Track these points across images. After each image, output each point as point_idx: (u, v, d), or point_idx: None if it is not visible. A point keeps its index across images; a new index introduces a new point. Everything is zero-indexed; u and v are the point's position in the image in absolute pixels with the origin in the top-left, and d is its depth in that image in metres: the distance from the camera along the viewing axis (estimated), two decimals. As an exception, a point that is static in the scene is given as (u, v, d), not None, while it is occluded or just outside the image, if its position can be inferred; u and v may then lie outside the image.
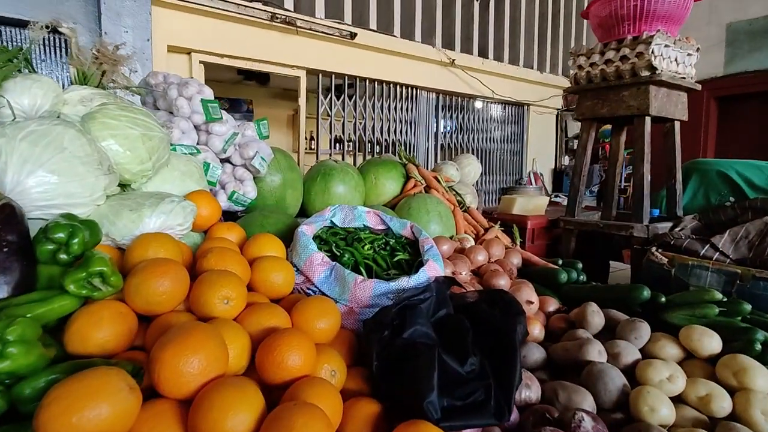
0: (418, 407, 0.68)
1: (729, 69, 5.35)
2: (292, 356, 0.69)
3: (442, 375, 0.72)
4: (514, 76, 5.20)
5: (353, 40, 3.76)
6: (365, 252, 1.10)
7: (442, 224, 1.61)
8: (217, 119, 1.30)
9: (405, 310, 0.84)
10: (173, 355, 0.59)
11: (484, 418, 0.71)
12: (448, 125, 5.03)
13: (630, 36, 1.76)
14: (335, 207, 1.24)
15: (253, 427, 0.57)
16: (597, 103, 1.87)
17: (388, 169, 1.81)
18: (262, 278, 0.92)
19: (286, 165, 1.54)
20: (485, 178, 5.36)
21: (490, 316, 0.88)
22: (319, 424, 0.56)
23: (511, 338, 0.80)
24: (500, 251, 1.56)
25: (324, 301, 0.87)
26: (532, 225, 2.00)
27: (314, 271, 1.00)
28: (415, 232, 1.21)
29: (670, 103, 1.81)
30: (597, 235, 1.94)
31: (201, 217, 1.06)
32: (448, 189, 1.91)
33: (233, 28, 3.19)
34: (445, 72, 4.62)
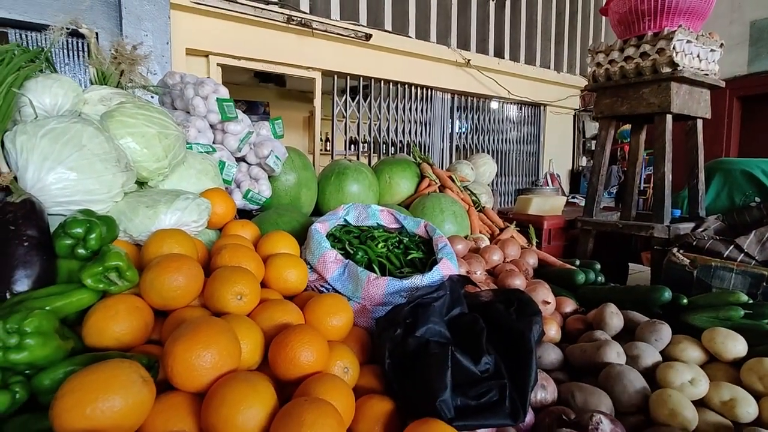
0: (431, 406, 0.67)
1: (753, 68, 5.20)
2: (304, 352, 0.69)
3: (456, 374, 0.71)
4: (530, 76, 5.14)
5: (368, 41, 3.77)
6: (379, 250, 1.09)
7: (457, 224, 1.59)
8: (233, 118, 1.31)
9: (418, 308, 0.83)
10: (186, 349, 0.59)
11: (498, 418, 0.70)
12: (464, 126, 5.00)
13: (650, 32, 1.72)
14: (349, 205, 1.24)
15: (265, 422, 0.57)
16: (616, 101, 1.83)
17: (403, 168, 1.81)
18: (275, 275, 0.92)
19: (300, 164, 1.54)
20: (501, 179, 5.31)
21: (505, 316, 0.86)
22: (330, 420, 0.56)
23: (526, 338, 0.78)
24: (516, 251, 1.54)
25: (337, 299, 0.87)
26: (549, 225, 1.97)
27: (327, 268, 1.00)
28: (429, 231, 1.20)
29: (693, 101, 1.76)
30: (615, 237, 1.90)
31: (216, 215, 1.07)
32: (463, 189, 1.89)
33: (250, 30, 3.23)
34: (461, 72, 4.60)
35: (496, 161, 5.22)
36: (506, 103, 5.23)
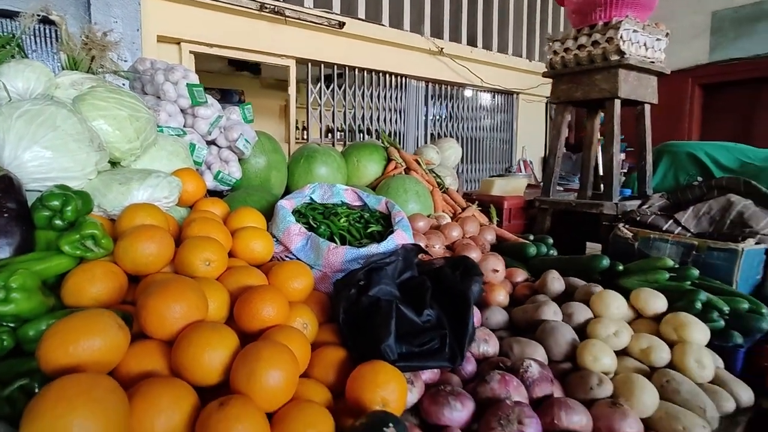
0: (377, 351, 0.76)
1: (714, 57, 5.43)
2: (266, 308, 0.78)
3: (400, 324, 0.80)
4: (503, 65, 5.26)
5: (342, 29, 3.81)
6: (341, 224, 1.18)
7: (420, 203, 1.69)
8: (203, 103, 1.37)
9: (371, 272, 0.93)
10: (157, 301, 0.67)
11: (437, 361, 0.80)
12: (438, 114, 5.09)
13: (601, 22, 1.84)
14: (315, 185, 1.33)
15: (228, 360, 0.65)
16: (571, 87, 1.95)
17: (370, 152, 1.89)
18: (242, 246, 1.01)
19: (270, 147, 1.61)
20: (475, 165, 5.44)
21: (450, 278, 0.97)
22: (285, 356, 0.65)
23: (466, 295, 0.89)
24: (475, 228, 1.65)
25: (298, 265, 0.96)
26: (509, 205, 2.09)
27: (292, 240, 1.08)
28: (389, 207, 1.29)
29: (641, 87, 1.89)
30: (572, 215, 2.04)
31: (186, 193, 1.14)
32: (429, 171, 1.99)
33: (222, 18, 3.24)
34: (434, 61, 4.68)
35: (471, 148, 5.37)
36: (480, 91, 5.34)
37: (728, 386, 0.98)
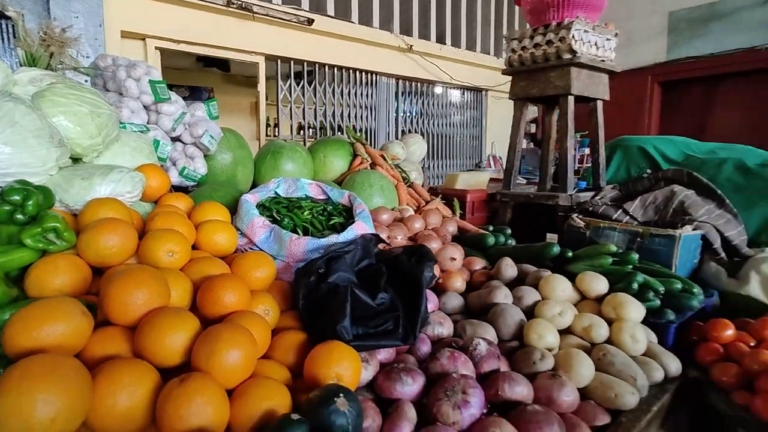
0: (334, 332, 0.82)
1: (671, 55, 5.67)
2: (227, 294, 0.82)
3: (356, 307, 0.86)
4: (471, 62, 5.36)
5: (311, 26, 3.82)
6: (304, 217, 1.23)
7: (385, 197, 1.75)
8: (166, 99, 1.39)
9: (331, 260, 0.98)
10: (120, 288, 0.70)
11: (391, 340, 0.86)
12: (408, 110, 5.16)
13: (555, 22, 1.93)
14: (279, 179, 1.36)
15: (189, 343, 0.69)
16: (528, 84, 2.04)
17: (337, 147, 1.93)
18: (206, 238, 1.04)
19: (236, 144, 1.64)
20: (446, 161, 5.54)
21: (406, 264, 1.03)
22: (245, 338, 0.70)
23: (419, 280, 0.95)
24: (437, 220, 1.71)
25: (261, 255, 1.00)
26: (472, 198, 2.17)
27: (255, 232, 1.12)
28: (352, 200, 1.34)
29: (592, 84, 2.00)
30: (532, 207, 2.13)
31: (150, 188, 1.16)
32: (394, 166, 2.05)
33: (189, 13, 3.21)
34: (404, 58, 4.74)
35: (442, 144, 5.47)
36: (449, 87, 5.43)
37: (659, 358, 1.07)
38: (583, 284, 1.23)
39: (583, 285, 1.23)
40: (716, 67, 5.24)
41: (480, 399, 0.80)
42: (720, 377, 1.05)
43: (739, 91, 5.26)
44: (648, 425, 0.93)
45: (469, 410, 0.77)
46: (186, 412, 0.57)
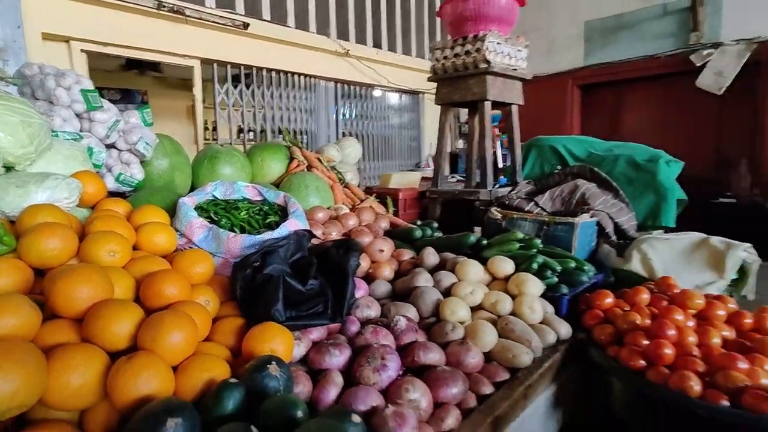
0: (268, 315, 0.93)
1: (588, 61, 6.19)
2: (168, 287, 0.90)
3: (288, 293, 0.97)
4: (407, 66, 5.58)
5: (247, 30, 3.84)
6: (241, 216, 1.32)
7: (320, 197, 1.86)
8: (98, 107, 1.42)
9: (265, 254, 1.08)
10: (66, 283, 0.77)
11: (320, 320, 0.98)
12: (349, 113, 5.29)
13: (472, 34, 2.14)
14: (217, 182, 1.44)
15: (134, 329, 0.78)
16: (451, 90, 2.23)
17: (274, 151, 2.02)
18: (146, 239, 1.11)
19: (172, 149, 1.69)
20: (386, 162, 5.71)
21: (334, 255, 1.15)
22: (184, 320, 0.79)
23: (345, 267, 1.08)
24: (370, 217, 1.85)
25: (199, 252, 1.08)
26: (404, 196, 2.34)
27: (194, 232, 1.20)
28: (286, 200, 1.45)
29: (506, 90, 2.23)
30: (459, 202, 2.33)
31: (87, 194, 1.20)
32: (330, 168, 2.17)
33: (117, 15, 3.13)
34: (342, 62, 4.85)
35: (382, 146, 5.64)
36: (387, 91, 5.62)
37: (552, 324, 1.28)
38: (492, 267, 1.41)
39: (493, 267, 1.41)
40: (625, 72, 5.80)
41: (397, 363, 0.94)
42: (599, 336, 1.27)
43: (645, 94, 5.86)
44: (540, 378, 1.12)
45: (387, 372, 0.91)
46: (134, 383, 0.66)
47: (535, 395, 1.11)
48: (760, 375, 1.03)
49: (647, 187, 2.16)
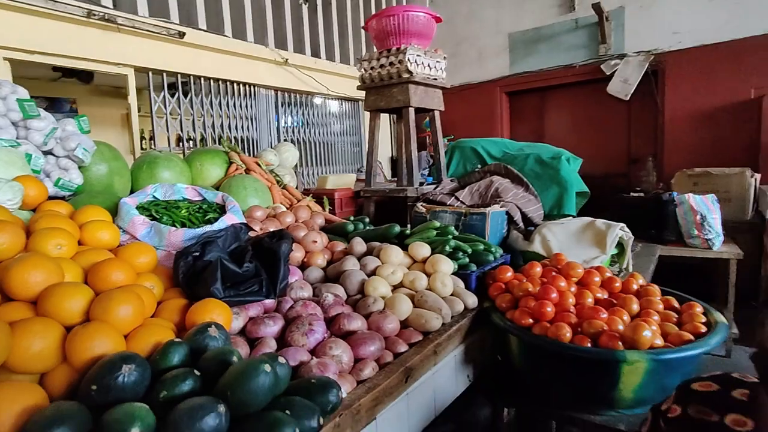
0: (208, 293, 1.07)
1: (513, 70, 6.68)
2: (115, 273, 1.02)
3: (226, 274, 1.12)
4: (346, 75, 5.77)
5: (183, 38, 3.87)
6: (181, 214, 1.44)
7: (259, 198, 2.00)
8: (35, 116, 1.49)
9: (205, 244, 1.22)
10: (20, 269, 0.87)
11: (254, 296, 1.13)
12: (290, 121, 5.39)
13: (395, 47, 2.36)
14: (156, 185, 1.55)
15: (86, 306, 0.89)
16: (378, 98, 2.44)
17: (212, 156, 2.13)
18: (90, 236, 1.20)
19: (110, 155, 1.76)
20: (330, 167, 5.86)
21: (269, 243, 1.30)
22: (132, 295, 0.92)
23: (277, 252, 1.24)
24: (306, 214, 2.01)
25: (143, 244, 1.20)
26: (339, 196, 2.52)
27: (136, 229, 1.31)
28: (224, 199, 1.58)
29: (428, 98, 2.47)
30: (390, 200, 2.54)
31: (29, 197, 1.28)
32: (269, 171, 2.30)
33: (44, 23, 3.08)
34: (281, 71, 4.96)
35: (325, 152, 5.79)
36: (327, 99, 5.78)
37: (461, 296, 1.50)
38: (412, 251, 1.62)
39: (412, 251, 1.62)
40: (546, 80, 6.34)
41: (323, 329, 1.12)
42: (500, 304, 1.51)
43: (564, 100, 6.43)
44: (449, 338, 1.33)
45: (314, 335, 1.08)
46: (90, 345, 0.79)
47: (445, 353, 1.32)
48: (617, 323, 1.30)
49: (552, 181, 2.48)
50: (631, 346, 1.21)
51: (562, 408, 1.39)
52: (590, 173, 5.94)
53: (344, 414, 0.92)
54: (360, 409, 0.97)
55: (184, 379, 0.75)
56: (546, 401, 1.43)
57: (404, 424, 1.13)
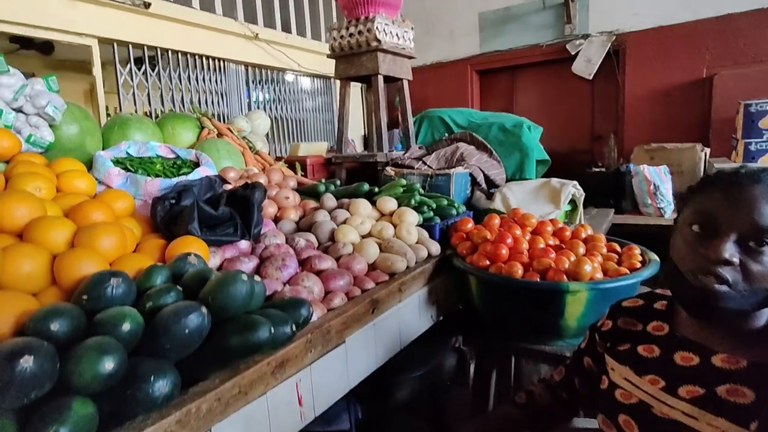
0: (186, 232, 1.14)
1: (483, 48, 6.79)
2: (95, 212, 1.08)
3: (202, 216, 1.19)
4: (317, 51, 5.75)
5: (148, 9, 3.79)
6: (156, 169, 1.49)
7: (232, 161, 2.05)
8: (4, 72, 1.49)
9: (181, 192, 1.28)
10: (6, 202, 0.93)
11: (230, 237, 1.21)
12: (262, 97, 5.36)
13: (363, 16, 2.42)
14: (129, 142, 1.58)
15: (70, 236, 0.96)
16: (348, 66, 2.51)
17: (184, 120, 2.16)
18: (67, 184, 1.25)
19: (81, 115, 1.77)
20: (302, 145, 5.87)
21: (242, 192, 1.38)
22: (114, 228, 0.98)
23: (250, 198, 1.31)
24: (279, 177, 2.08)
25: (120, 191, 1.25)
26: (311, 162, 2.59)
27: (112, 180, 1.35)
28: (198, 156, 1.63)
29: (396, 66, 2.55)
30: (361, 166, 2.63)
31: (3, 148, 1.30)
32: (241, 138, 2.34)
33: (0, -11, 2.98)
34: (252, 45, 4.91)
35: (297, 129, 5.79)
36: (299, 75, 5.76)
37: (425, 244, 1.61)
38: (380, 205, 1.72)
39: (380, 205, 1.72)
40: (514, 59, 6.48)
41: (295, 264, 1.21)
42: (461, 251, 1.63)
43: (532, 79, 6.59)
44: (413, 279, 1.45)
45: (287, 270, 1.18)
46: (78, 265, 0.86)
47: (409, 291, 1.43)
48: (563, 261, 1.44)
49: (514, 148, 2.61)
50: (575, 279, 1.35)
51: (517, 341, 1.53)
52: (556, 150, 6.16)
53: (315, 332, 1.02)
54: (330, 329, 1.07)
55: (168, 292, 0.83)
56: (504, 336, 1.57)
57: (371, 350, 1.24)
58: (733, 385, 0.74)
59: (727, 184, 0.78)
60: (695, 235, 0.78)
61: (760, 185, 0.74)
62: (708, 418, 0.74)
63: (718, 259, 0.73)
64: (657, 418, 0.80)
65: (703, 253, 0.75)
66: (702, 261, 0.75)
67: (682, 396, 0.79)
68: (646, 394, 0.84)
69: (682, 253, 0.80)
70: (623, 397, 0.88)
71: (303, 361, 1.00)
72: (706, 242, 0.76)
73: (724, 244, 0.73)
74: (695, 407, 0.76)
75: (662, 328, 0.93)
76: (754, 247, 0.72)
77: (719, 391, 0.75)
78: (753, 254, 0.73)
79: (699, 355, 0.82)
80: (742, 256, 0.73)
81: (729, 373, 0.77)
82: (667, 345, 0.88)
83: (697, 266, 0.76)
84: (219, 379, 0.83)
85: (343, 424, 1.65)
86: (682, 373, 0.82)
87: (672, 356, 0.86)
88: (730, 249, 0.73)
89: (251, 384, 0.87)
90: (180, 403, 0.75)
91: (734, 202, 0.75)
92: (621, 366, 0.92)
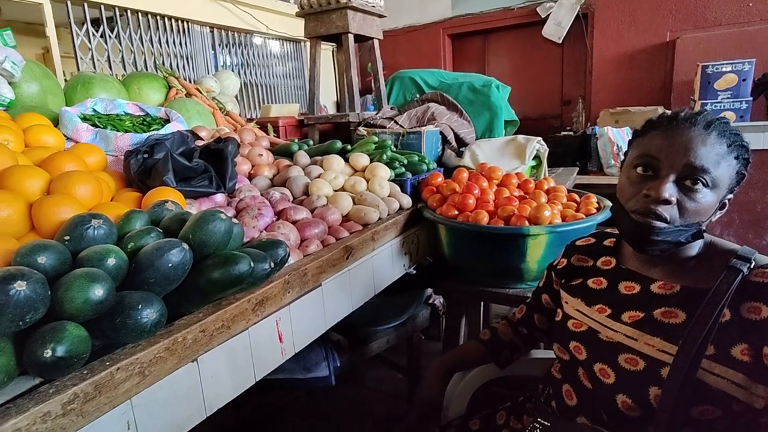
0: (161, 183, 1.16)
1: (455, 12, 6.73)
2: (68, 164, 1.08)
3: (177, 167, 1.21)
4: (286, 13, 5.58)
5: (103, -36, 3.58)
6: (125, 125, 1.48)
7: (202, 121, 2.03)
8: (-44, 25, 1.43)
9: (153, 146, 1.29)
10: (-25, 151, 0.93)
11: (205, 188, 1.24)
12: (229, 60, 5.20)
13: (333, -27, 2.38)
14: (95, 98, 1.56)
15: (45, 186, 0.97)
16: (317, 25, 2.48)
17: (150, 80, 2.11)
18: (35, 139, 1.24)
19: (41, 73, 1.72)
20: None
21: (215, 147, 1.39)
22: (89, 177, 1.00)
23: (224, 151, 1.33)
24: (251, 137, 2.08)
25: (91, 145, 1.25)
26: (284, 123, 2.59)
27: (81, 136, 1.34)
28: (168, 113, 1.62)
29: (366, 25, 2.53)
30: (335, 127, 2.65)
31: (-37, 103, 1.27)
32: (211, 99, 2.31)
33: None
34: (217, 6, 4.72)
35: (268, 94, 5.67)
36: (268, 38, 5.59)
37: (397, 197, 1.68)
38: (353, 161, 1.77)
39: (353, 161, 1.77)
40: (486, 23, 6.47)
41: (271, 213, 1.25)
42: (432, 203, 1.70)
43: (504, 42, 6.61)
44: (386, 229, 1.51)
45: (263, 219, 1.22)
46: (56, 211, 0.88)
47: (382, 241, 1.50)
48: (526, 209, 1.53)
49: (483, 107, 2.67)
50: (536, 224, 1.45)
51: (483, 285, 1.64)
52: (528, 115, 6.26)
53: (293, 273, 1.08)
54: (306, 272, 1.13)
55: (149, 233, 0.86)
56: (471, 282, 1.67)
57: (347, 294, 1.31)
58: (668, 309, 0.84)
59: (667, 127, 0.86)
60: (639, 176, 0.87)
61: (696, 128, 0.83)
62: (646, 338, 0.84)
63: (658, 199, 0.81)
64: (602, 342, 0.90)
65: (645, 194, 0.83)
66: (644, 200, 0.84)
67: (624, 321, 0.88)
68: (594, 321, 0.94)
69: (627, 194, 0.89)
70: (574, 326, 0.97)
71: (282, 301, 1.06)
72: (647, 183, 0.84)
73: (664, 185, 0.81)
74: (636, 330, 0.86)
75: (610, 262, 1.02)
76: (689, 185, 0.81)
77: (656, 314, 0.85)
78: (688, 192, 0.81)
79: (640, 284, 0.92)
80: (679, 195, 0.82)
81: (664, 297, 0.87)
82: (613, 277, 0.98)
83: (640, 205, 0.84)
84: (202, 313, 0.88)
85: (322, 371, 1.74)
86: (626, 300, 0.92)
87: (617, 286, 0.95)
88: (670, 189, 0.81)
89: (233, 319, 0.93)
90: (167, 332, 0.81)
91: (673, 144, 0.83)
92: (573, 299, 1.02)
